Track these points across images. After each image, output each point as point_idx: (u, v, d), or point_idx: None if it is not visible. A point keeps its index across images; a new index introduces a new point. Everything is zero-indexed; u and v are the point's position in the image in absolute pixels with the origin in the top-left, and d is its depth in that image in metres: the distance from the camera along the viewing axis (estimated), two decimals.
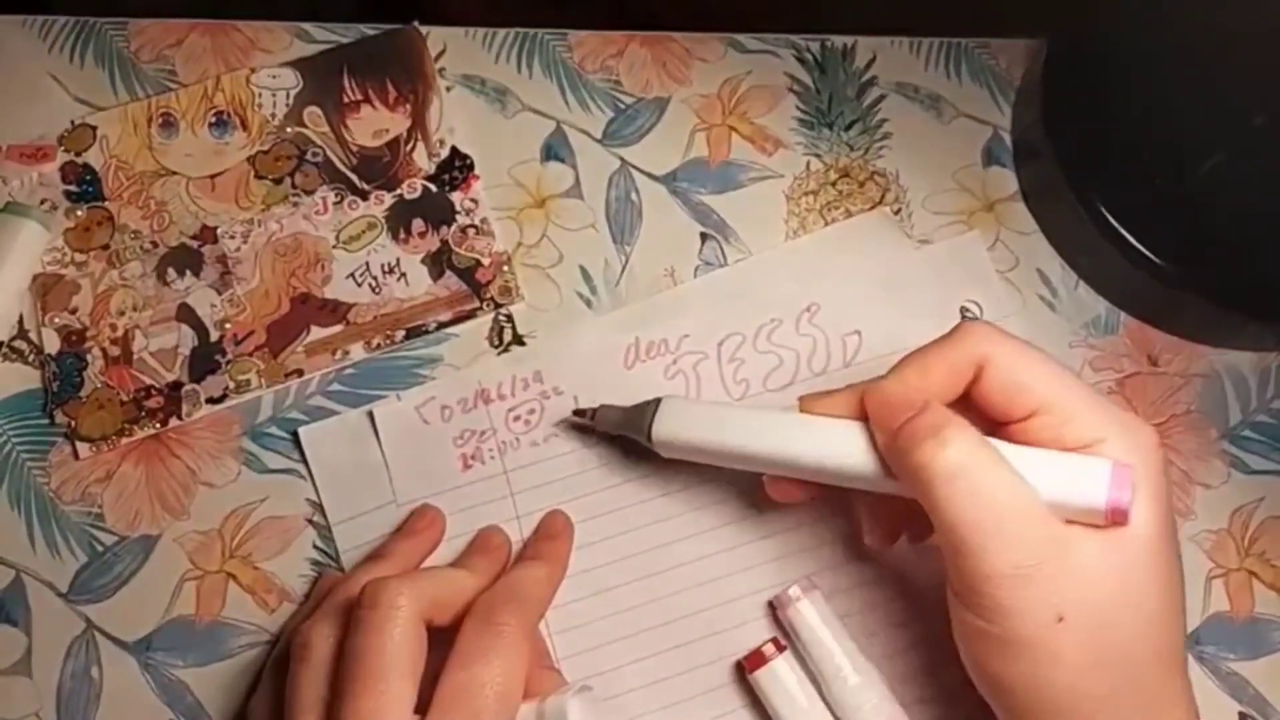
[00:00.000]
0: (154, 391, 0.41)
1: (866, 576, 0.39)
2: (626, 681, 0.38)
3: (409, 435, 0.41)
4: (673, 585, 0.39)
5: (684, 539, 0.40)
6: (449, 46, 0.46)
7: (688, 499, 0.40)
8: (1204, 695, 0.39)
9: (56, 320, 0.42)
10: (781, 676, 0.36)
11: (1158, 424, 0.42)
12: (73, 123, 0.45)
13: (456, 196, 0.44)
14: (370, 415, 0.41)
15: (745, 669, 0.37)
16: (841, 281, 0.43)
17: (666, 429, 0.36)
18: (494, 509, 0.40)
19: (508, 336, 0.43)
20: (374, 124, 0.45)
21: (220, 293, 0.43)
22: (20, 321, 0.43)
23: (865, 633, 0.38)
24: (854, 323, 0.42)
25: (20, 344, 0.42)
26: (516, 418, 0.41)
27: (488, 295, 0.43)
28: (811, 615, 0.37)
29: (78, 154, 0.44)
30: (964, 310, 0.43)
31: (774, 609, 0.38)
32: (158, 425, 0.41)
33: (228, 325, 0.42)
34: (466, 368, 0.42)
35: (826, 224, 0.44)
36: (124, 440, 0.41)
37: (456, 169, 0.44)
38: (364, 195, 0.44)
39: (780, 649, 0.37)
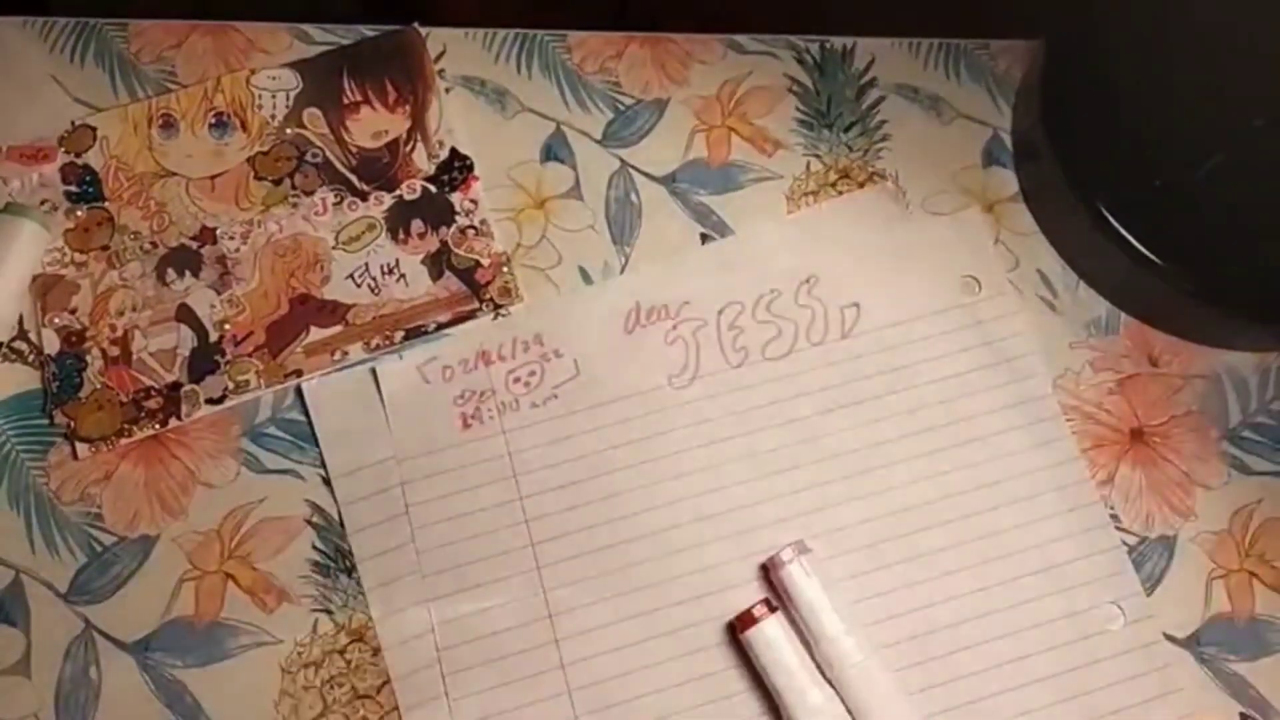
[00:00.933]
0: (153, 392, 0.41)
1: (859, 542, 0.40)
2: (617, 639, 0.39)
3: (411, 393, 0.41)
4: (667, 547, 0.40)
5: (680, 501, 0.40)
6: (448, 47, 0.47)
7: (685, 463, 0.41)
8: (1206, 696, 0.39)
9: (56, 321, 0.42)
10: (771, 637, 0.37)
11: (1158, 425, 0.42)
12: (73, 123, 0.45)
13: (456, 197, 0.44)
14: (373, 372, 0.41)
15: (736, 629, 0.38)
16: (841, 255, 0.43)
17: None
18: (492, 468, 0.40)
19: None
20: (373, 125, 0.45)
21: (220, 293, 0.43)
22: (20, 322, 0.43)
23: (856, 597, 0.39)
24: (852, 295, 0.43)
25: (20, 344, 0.42)
26: (516, 379, 0.42)
27: (487, 296, 0.43)
28: (803, 578, 0.38)
29: (78, 155, 0.45)
30: (964, 284, 0.43)
31: (766, 571, 0.39)
32: (157, 426, 0.41)
33: (227, 326, 0.42)
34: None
35: None
36: (123, 441, 0.41)
37: (456, 170, 0.44)
38: (363, 196, 0.44)
39: (771, 610, 0.37)
